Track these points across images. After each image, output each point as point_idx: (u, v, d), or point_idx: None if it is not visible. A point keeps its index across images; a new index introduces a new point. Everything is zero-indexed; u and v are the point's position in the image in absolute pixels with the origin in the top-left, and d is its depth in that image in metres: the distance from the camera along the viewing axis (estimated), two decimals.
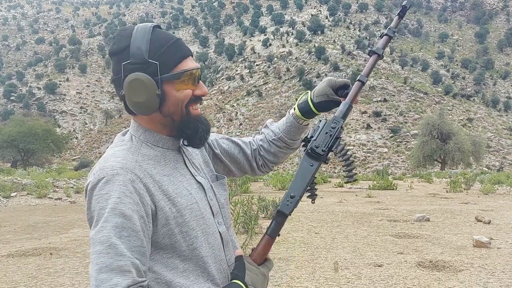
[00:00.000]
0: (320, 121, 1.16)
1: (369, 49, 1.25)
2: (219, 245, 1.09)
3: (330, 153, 1.15)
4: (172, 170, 1.07)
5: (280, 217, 1.07)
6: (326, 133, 1.14)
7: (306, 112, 1.26)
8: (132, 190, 0.95)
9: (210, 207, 1.12)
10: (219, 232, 1.11)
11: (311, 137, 1.15)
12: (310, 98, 1.26)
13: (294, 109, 1.30)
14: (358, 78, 1.22)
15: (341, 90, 1.25)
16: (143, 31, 1.03)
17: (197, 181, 1.12)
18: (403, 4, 1.23)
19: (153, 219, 0.99)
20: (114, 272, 0.88)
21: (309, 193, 1.16)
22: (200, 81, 1.09)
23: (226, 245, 1.12)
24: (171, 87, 1.03)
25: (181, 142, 1.13)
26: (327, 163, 1.14)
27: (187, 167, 1.12)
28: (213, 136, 1.31)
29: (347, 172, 1.17)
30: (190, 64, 1.06)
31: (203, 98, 1.11)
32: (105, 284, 0.87)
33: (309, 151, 1.11)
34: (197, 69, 1.07)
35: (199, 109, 1.11)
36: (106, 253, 0.89)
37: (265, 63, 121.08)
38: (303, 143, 1.16)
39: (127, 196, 0.94)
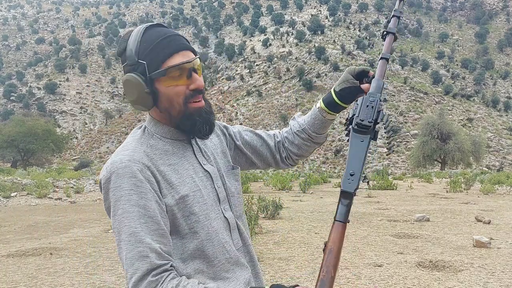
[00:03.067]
0: (357, 100, 1.15)
1: (382, 30, 1.28)
2: (223, 229, 1.15)
3: (378, 127, 1.13)
4: (179, 159, 1.14)
5: (346, 198, 1.01)
6: (367, 106, 1.11)
7: (330, 103, 1.28)
8: (142, 179, 1.04)
9: (217, 194, 1.18)
10: (226, 217, 1.18)
11: (353, 115, 1.12)
12: (334, 89, 1.28)
13: (320, 102, 1.33)
14: (381, 56, 1.23)
15: (361, 77, 1.26)
16: (137, 32, 1.10)
17: (204, 169, 1.18)
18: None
19: None
20: (135, 258, 0.99)
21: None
22: (195, 74, 1.10)
23: (232, 230, 1.19)
24: (161, 84, 1.08)
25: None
26: (376, 140, 1.10)
27: (195, 156, 1.18)
28: (236, 128, 1.37)
29: (388, 144, 1.17)
30: (178, 59, 1.08)
31: (203, 90, 1.13)
32: (130, 269, 0.99)
33: (355, 127, 1.09)
34: (187, 62, 1.09)
35: (202, 101, 1.13)
36: (128, 241, 1.00)
37: (265, 63, 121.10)
38: (347, 122, 1.14)
39: (138, 186, 1.03)
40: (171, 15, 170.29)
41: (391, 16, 1.29)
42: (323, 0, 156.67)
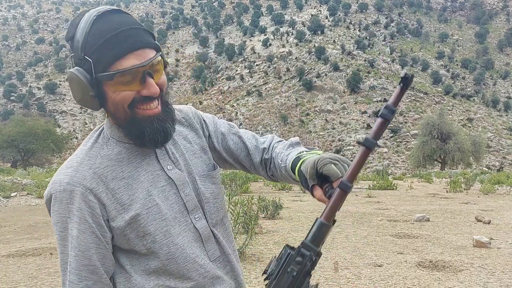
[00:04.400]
0: (283, 248, 0.82)
1: (358, 138, 0.89)
2: (193, 242, 1.03)
3: None
4: (135, 170, 1.00)
5: None
6: (288, 272, 0.78)
7: (293, 169, 1.04)
8: (79, 207, 0.93)
9: (184, 203, 1.04)
10: (196, 228, 1.04)
11: (271, 274, 0.81)
12: (303, 160, 1.01)
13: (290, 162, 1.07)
14: (339, 184, 0.82)
15: (325, 179, 0.92)
16: (87, 19, 0.92)
17: (168, 177, 1.03)
18: (402, 75, 0.82)
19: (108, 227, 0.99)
20: None
21: None
22: (150, 79, 0.93)
23: (206, 241, 1.06)
24: (108, 88, 0.93)
25: None
26: None
27: (158, 161, 1.03)
28: (222, 128, 1.18)
29: None
30: (129, 62, 0.91)
31: (158, 96, 0.97)
32: None
33: None
34: (141, 66, 0.91)
35: (157, 108, 0.97)
36: (61, 269, 0.99)
37: (265, 63, 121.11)
38: (264, 280, 0.83)
39: (74, 214, 0.93)
40: (171, 15, 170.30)
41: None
42: (323, 0, 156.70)
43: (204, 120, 1.17)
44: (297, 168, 1.01)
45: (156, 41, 0.98)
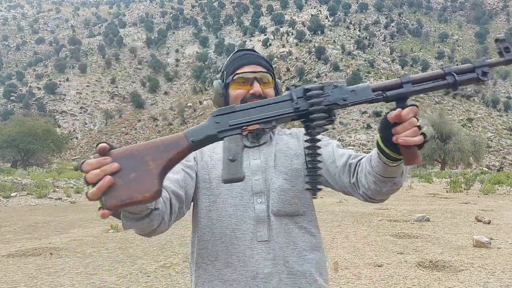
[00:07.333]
0: None
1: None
2: (247, 218, 1.22)
3: None
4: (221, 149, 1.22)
5: None
6: None
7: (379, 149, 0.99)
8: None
9: (252, 186, 1.25)
10: (255, 208, 1.22)
11: None
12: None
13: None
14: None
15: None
16: (231, 54, 1.42)
17: (248, 163, 1.29)
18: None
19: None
20: None
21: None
22: (256, 83, 1.30)
23: (259, 222, 1.21)
24: (230, 88, 1.34)
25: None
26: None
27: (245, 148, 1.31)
28: (335, 143, 1.33)
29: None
30: (245, 70, 1.32)
31: (260, 94, 1.28)
32: None
33: None
34: (250, 72, 1.31)
35: None
36: None
37: None
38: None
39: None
40: (171, 15, 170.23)
41: None
42: (323, 0, 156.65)
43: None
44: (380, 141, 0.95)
45: (270, 67, 1.37)
